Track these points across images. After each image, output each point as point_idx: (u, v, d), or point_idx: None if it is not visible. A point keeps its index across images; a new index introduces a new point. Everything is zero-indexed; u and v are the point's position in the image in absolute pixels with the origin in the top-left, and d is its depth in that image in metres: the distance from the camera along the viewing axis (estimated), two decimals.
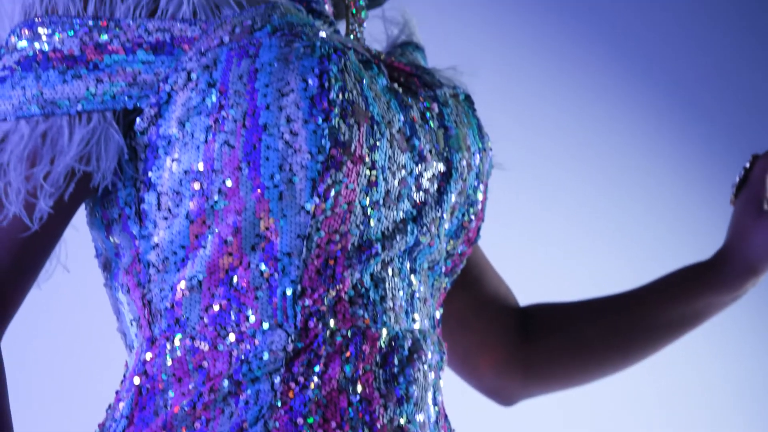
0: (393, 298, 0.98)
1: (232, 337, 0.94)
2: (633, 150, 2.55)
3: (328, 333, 0.94)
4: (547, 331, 1.22)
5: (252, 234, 0.93)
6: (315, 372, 0.94)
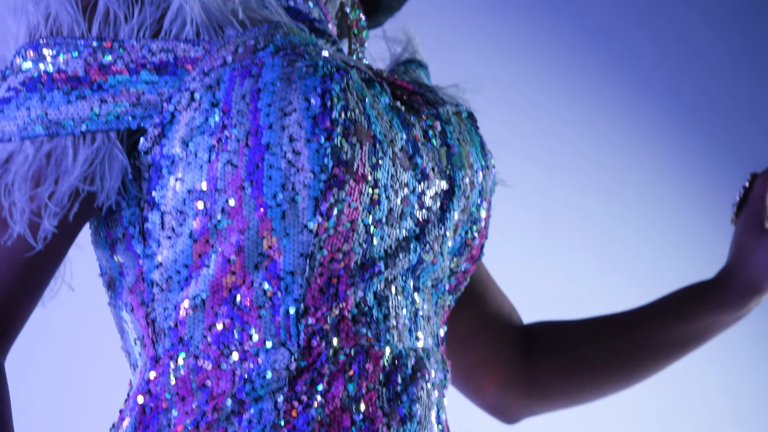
0: (396, 316, 0.98)
1: (235, 356, 0.94)
2: (637, 167, 2.56)
3: (331, 351, 0.94)
4: (551, 350, 1.22)
5: (255, 253, 0.94)
6: (318, 391, 0.94)
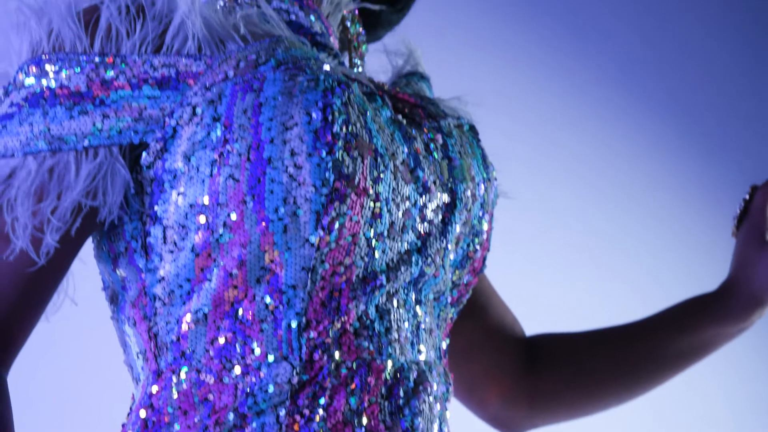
0: (398, 329, 0.98)
1: (237, 370, 0.94)
2: (640, 178, 2.55)
3: (333, 365, 0.95)
4: (554, 362, 1.22)
5: (257, 267, 0.94)
6: (320, 404, 0.94)
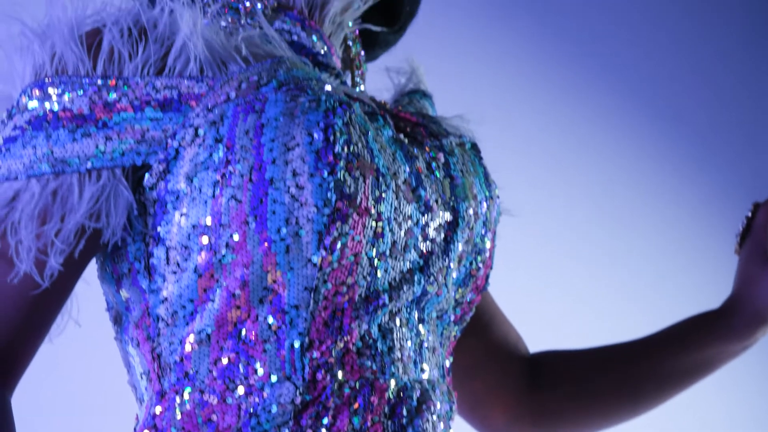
0: (401, 348, 0.98)
1: (240, 390, 0.94)
2: (644, 195, 2.55)
3: (336, 385, 0.95)
4: (557, 379, 1.22)
5: (260, 287, 0.94)
6: (323, 424, 0.94)
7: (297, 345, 0.94)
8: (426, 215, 0.99)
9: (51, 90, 0.95)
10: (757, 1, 2.63)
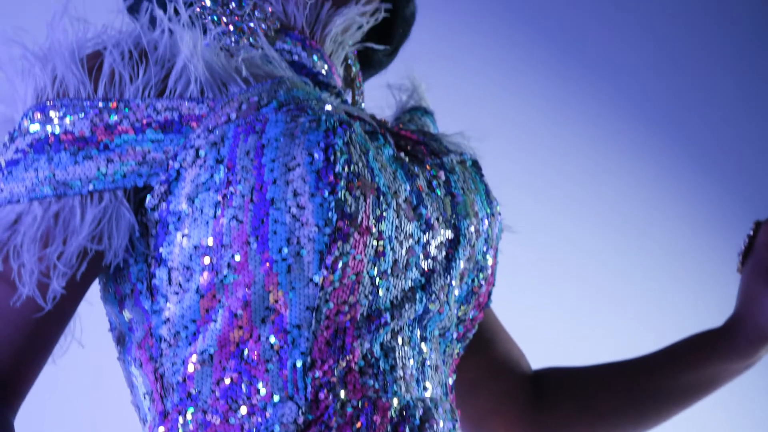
0: (403, 366, 0.98)
1: (243, 410, 0.95)
2: (646, 211, 2.55)
3: (338, 404, 0.95)
4: (560, 396, 1.22)
5: (261, 307, 0.94)
6: None
7: (299, 364, 0.94)
8: (427, 233, 1.00)
9: (52, 113, 0.96)
10: (759, 8, 2.63)
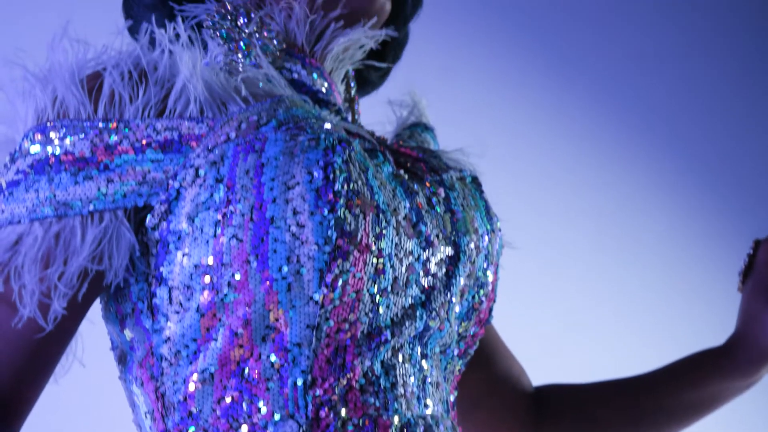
0: (404, 384, 0.98)
1: (244, 429, 0.95)
2: (648, 227, 2.55)
3: (339, 422, 0.95)
4: (560, 413, 1.22)
5: (262, 325, 0.95)
6: None
7: (300, 383, 0.94)
8: (427, 250, 1.00)
9: (53, 134, 0.96)
10: (757, 16, 2.63)
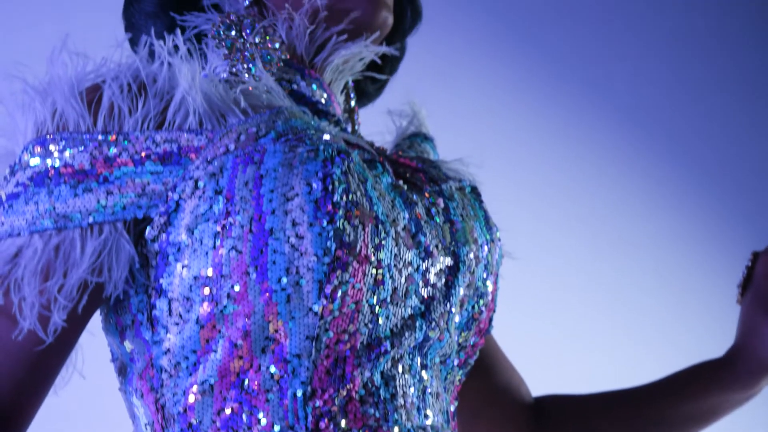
0: (404, 395, 0.98)
1: None
2: (648, 236, 2.55)
3: None
4: (560, 424, 1.22)
5: (261, 337, 0.95)
6: None
7: (300, 394, 0.95)
8: (426, 261, 1.00)
9: (52, 146, 0.96)
10: (756, 22, 2.64)
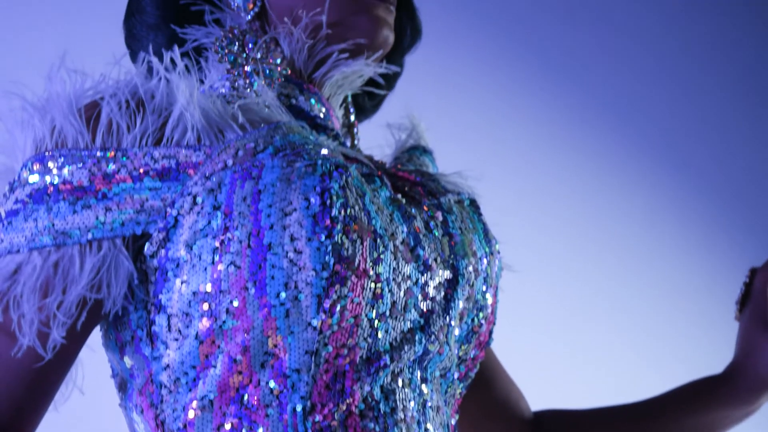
0: (404, 409, 0.98)
1: None
2: (649, 248, 2.54)
3: None
4: None
5: (261, 352, 0.95)
6: None
7: (299, 409, 0.95)
8: (425, 274, 1.00)
9: (51, 163, 0.97)
10: (757, 26, 2.64)
